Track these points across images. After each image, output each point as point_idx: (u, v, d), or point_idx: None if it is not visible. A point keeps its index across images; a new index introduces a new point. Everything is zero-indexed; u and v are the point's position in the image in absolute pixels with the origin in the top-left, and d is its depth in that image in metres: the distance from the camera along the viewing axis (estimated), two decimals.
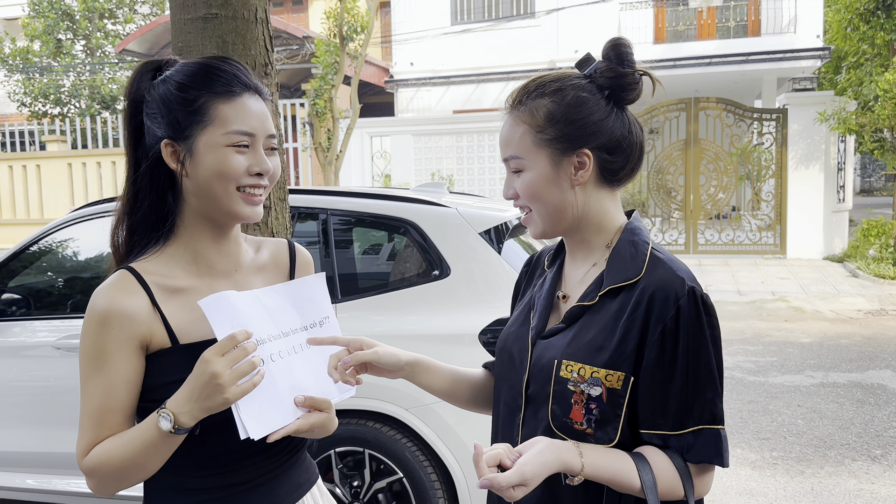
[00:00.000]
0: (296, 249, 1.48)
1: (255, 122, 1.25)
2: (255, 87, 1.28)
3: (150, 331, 1.23)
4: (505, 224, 3.19)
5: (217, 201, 1.25)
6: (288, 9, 21.52)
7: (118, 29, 19.58)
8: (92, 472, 1.21)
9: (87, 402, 1.22)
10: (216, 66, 1.26)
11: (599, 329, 1.20)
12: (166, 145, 1.25)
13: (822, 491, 3.87)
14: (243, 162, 1.23)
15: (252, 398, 1.16)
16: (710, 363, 1.17)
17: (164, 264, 1.29)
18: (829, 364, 6.35)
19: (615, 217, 1.29)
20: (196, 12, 2.20)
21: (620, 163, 1.25)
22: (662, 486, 1.15)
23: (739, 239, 12.55)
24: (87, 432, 1.22)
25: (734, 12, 15.19)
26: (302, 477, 1.41)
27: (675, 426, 1.17)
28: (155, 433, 1.15)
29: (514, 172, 1.27)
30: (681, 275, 1.18)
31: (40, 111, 18.15)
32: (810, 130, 11.98)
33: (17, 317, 3.45)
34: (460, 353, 2.83)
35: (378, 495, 3.01)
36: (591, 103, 1.22)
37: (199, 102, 1.23)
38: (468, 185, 13.59)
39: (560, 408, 1.20)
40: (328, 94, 11.91)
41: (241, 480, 1.30)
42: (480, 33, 16.48)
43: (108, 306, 1.21)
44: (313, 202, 3.29)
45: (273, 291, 1.29)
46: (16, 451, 3.31)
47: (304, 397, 1.24)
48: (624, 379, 1.16)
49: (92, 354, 1.22)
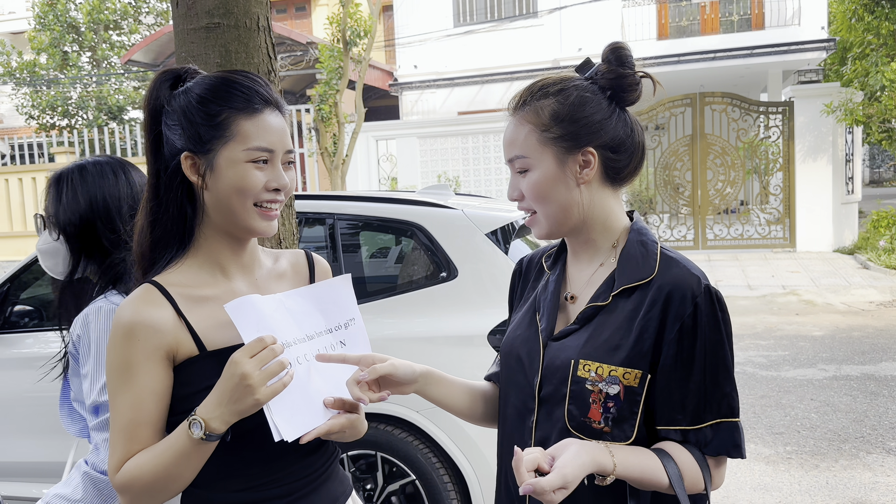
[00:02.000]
0: (314, 258, 1.50)
1: (274, 138, 1.26)
2: (275, 101, 1.29)
3: (176, 340, 1.23)
4: (511, 224, 3.20)
5: (234, 215, 1.26)
6: (291, 15, 21.60)
7: (123, 40, 19.70)
8: (125, 489, 1.19)
9: (116, 417, 1.21)
10: (237, 80, 1.26)
11: (615, 328, 1.21)
12: (186, 158, 1.25)
13: (837, 484, 3.85)
14: (262, 178, 1.25)
15: (282, 401, 1.16)
16: (727, 358, 1.20)
17: (187, 275, 1.29)
18: (842, 357, 6.31)
19: (619, 217, 1.30)
20: (199, 22, 2.22)
21: (624, 161, 1.27)
22: (687, 481, 1.17)
23: (748, 233, 12.49)
24: (119, 448, 1.20)
25: (737, 6, 15.13)
26: (337, 490, 1.39)
27: (694, 421, 1.19)
28: (186, 442, 1.14)
29: (519, 173, 1.28)
30: (696, 273, 1.21)
31: (48, 123, 18.28)
32: (817, 122, 11.92)
33: (29, 328, 3.48)
34: (470, 354, 2.83)
35: (391, 498, 3.01)
36: (594, 103, 1.24)
37: (221, 118, 1.23)
38: (475, 187, 13.59)
39: (577, 408, 1.21)
40: (333, 99, 11.93)
41: (279, 494, 1.29)
42: (483, 34, 16.48)
43: (133, 318, 1.21)
44: (320, 207, 3.30)
45: (297, 295, 1.29)
46: (30, 461, 3.34)
47: (334, 399, 1.24)
48: (641, 377, 1.18)
49: (119, 368, 1.21)
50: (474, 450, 2.85)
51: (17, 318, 3.49)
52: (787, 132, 12.16)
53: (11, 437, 3.35)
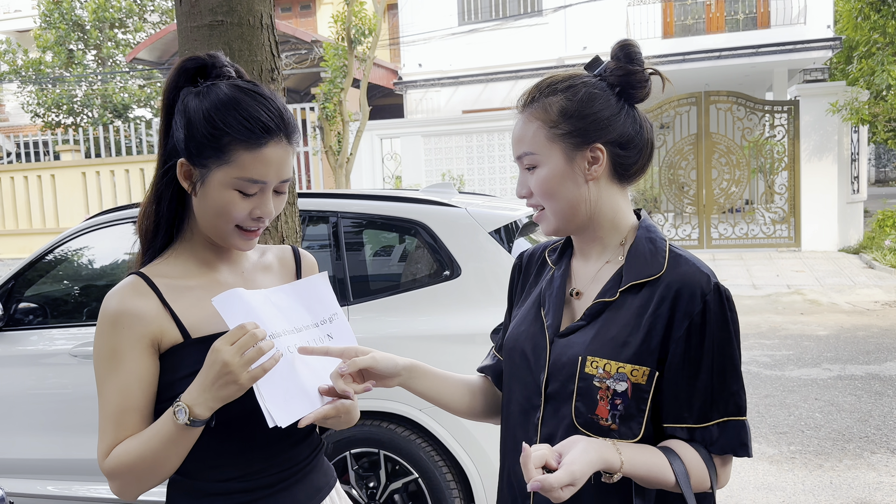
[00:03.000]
0: (300, 252, 1.52)
1: (271, 171, 1.24)
2: (283, 127, 1.25)
3: (160, 329, 1.26)
4: (515, 223, 3.19)
5: (215, 230, 1.29)
6: (296, 13, 21.62)
7: (128, 38, 19.76)
8: (113, 474, 1.23)
9: (104, 404, 1.25)
10: (248, 105, 1.23)
11: (623, 325, 1.20)
12: (182, 164, 1.26)
13: (840, 484, 3.84)
14: (247, 207, 1.25)
15: (275, 387, 1.19)
16: (735, 357, 1.20)
17: (174, 266, 1.33)
18: (847, 356, 6.30)
19: (627, 215, 1.30)
20: (202, 20, 2.22)
21: (633, 158, 1.26)
22: (693, 479, 1.17)
23: (753, 232, 12.46)
24: (107, 434, 1.23)
25: (743, 4, 15.10)
26: (321, 481, 1.43)
27: (701, 419, 1.19)
28: (172, 428, 1.17)
29: (527, 169, 1.28)
30: (705, 271, 1.21)
31: (54, 121, 18.34)
32: (822, 122, 11.88)
33: (34, 325, 3.49)
34: (473, 352, 2.83)
35: (394, 496, 3.02)
36: (603, 100, 1.24)
37: (223, 141, 1.22)
38: (479, 185, 13.59)
39: (585, 404, 1.20)
40: (337, 97, 11.95)
41: (263, 484, 1.32)
42: (488, 32, 16.47)
43: (119, 308, 1.25)
44: (323, 205, 3.30)
45: (281, 291, 1.32)
46: (36, 458, 3.35)
47: (328, 386, 1.27)
48: (649, 374, 1.18)
49: (105, 356, 1.25)
50: (477, 447, 2.85)
51: (21, 316, 3.50)
52: (792, 131, 12.13)
53: (16, 434, 3.36)
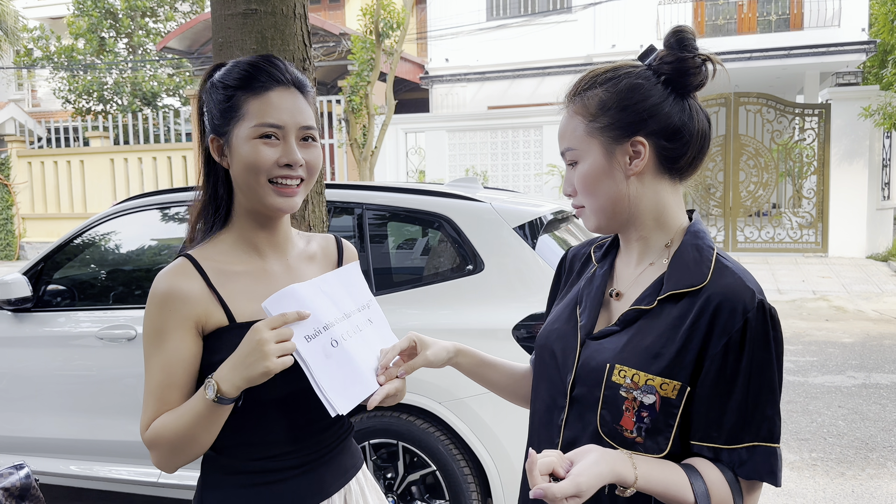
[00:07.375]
0: (343, 242, 1.57)
1: (283, 115, 1.29)
2: (289, 80, 1.33)
3: (205, 311, 1.30)
4: (539, 219, 3.18)
5: (252, 192, 1.32)
6: (325, 6, 21.68)
7: (159, 27, 19.92)
8: (152, 445, 1.28)
9: (148, 379, 1.29)
10: (252, 63, 1.33)
11: (657, 335, 1.15)
12: (213, 141, 1.35)
13: (863, 493, 3.79)
14: (272, 154, 1.29)
15: (333, 377, 1.23)
16: (773, 380, 1.12)
17: (220, 250, 1.37)
18: (872, 364, 6.20)
19: (677, 215, 1.24)
20: (236, 8, 2.24)
21: (681, 150, 1.20)
22: (714, 500, 1.11)
23: (780, 237, 12.31)
24: (149, 407, 1.28)
25: (776, 5, 14.88)
26: (349, 462, 1.46)
27: (730, 440, 1.12)
28: (202, 404, 1.21)
29: (569, 165, 1.25)
30: (750, 286, 1.13)
31: (84, 108, 18.55)
32: (854, 126, 11.69)
33: (61, 307, 3.54)
34: (494, 347, 2.82)
35: (411, 487, 3.03)
36: (645, 89, 1.19)
37: (233, 100, 1.30)
38: (502, 182, 13.54)
39: (610, 414, 1.16)
40: (364, 90, 11.97)
41: (292, 465, 1.36)
42: (516, 28, 16.40)
43: (167, 289, 1.30)
44: (349, 197, 3.31)
45: (329, 278, 1.35)
46: (60, 437, 3.41)
47: (383, 367, 1.31)
48: (680, 389, 1.12)
49: (152, 334, 1.29)
50: (495, 443, 2.85)
51: (50, 297, 3.56)
52: (822, 135, 11.95)
53: (43, 414, 3.42)
